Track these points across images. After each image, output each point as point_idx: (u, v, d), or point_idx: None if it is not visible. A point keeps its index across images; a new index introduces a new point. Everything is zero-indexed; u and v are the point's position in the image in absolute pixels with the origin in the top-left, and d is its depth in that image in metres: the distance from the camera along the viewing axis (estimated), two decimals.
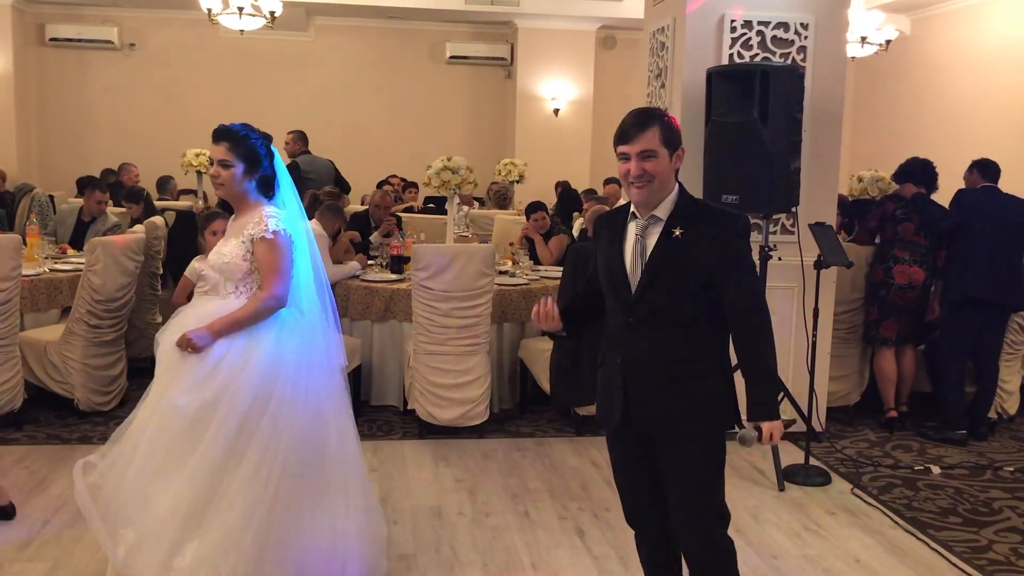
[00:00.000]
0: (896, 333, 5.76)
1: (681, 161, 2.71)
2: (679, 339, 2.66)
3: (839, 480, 4.87)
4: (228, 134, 3.21)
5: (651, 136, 2.63)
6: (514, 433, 5.51)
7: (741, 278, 2.64)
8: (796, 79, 4.88)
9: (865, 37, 9.20)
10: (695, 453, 2.69)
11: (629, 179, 2.67)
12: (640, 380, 2.69)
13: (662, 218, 2.69)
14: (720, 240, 2.63)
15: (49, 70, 11.84)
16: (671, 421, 2.67)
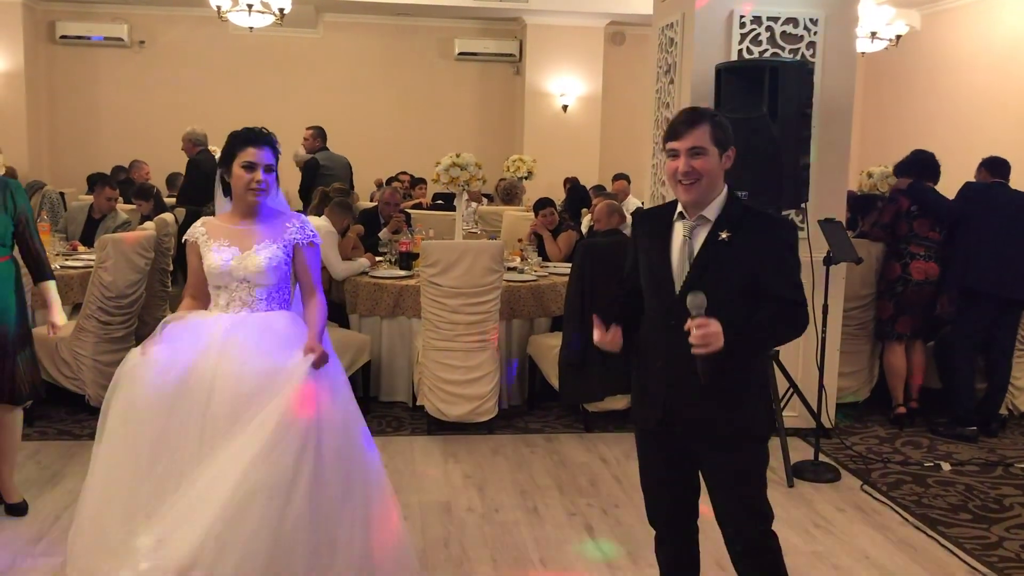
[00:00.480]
0: (911, 329, 5.75)
1: (731, 162, 2.66)
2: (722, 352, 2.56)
3: (848, 477, 4.86)
4: (272, 139, 3.16)
5: (701, 133, 2.60)
6: (523, 429, 5.52)
7: (789, 293, 2.61)
8: (805, 75, 4.87)
9: (875, 32, 9.17)
10: (739, 459, 2.67)
11: (677, 177, 2.62)
12: (680, 382, 2.64)
13: (710, 219, 2.64)
14: (770, 251, 2.61)
15: (59, 68, 11.89)
16: (713, 426, 2.64)
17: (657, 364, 2.70)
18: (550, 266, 6.59)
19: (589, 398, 5.46)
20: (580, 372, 5.34)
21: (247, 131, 3.16)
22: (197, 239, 3.17)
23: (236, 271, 3.09)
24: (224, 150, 3.16)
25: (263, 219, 3.17)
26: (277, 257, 3.11)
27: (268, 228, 3.15)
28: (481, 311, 5.28)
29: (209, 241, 3.14)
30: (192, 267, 3.20)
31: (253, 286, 3.11)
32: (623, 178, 10.24)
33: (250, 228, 3.15)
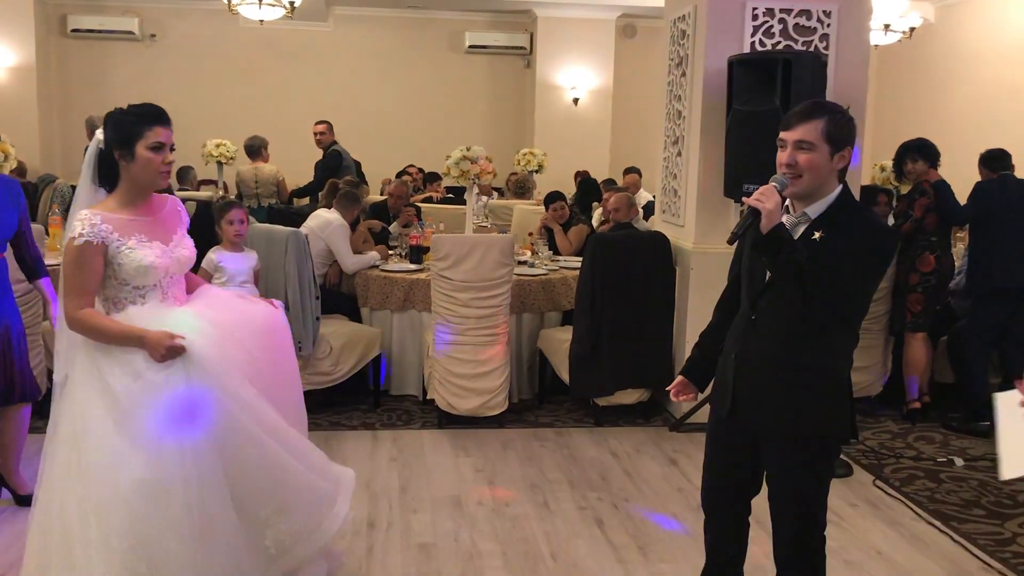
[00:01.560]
0: (935, 320, 5.73)
1: (845, 162, 2.55)
2: (794, 343, 2.58)
3: (861, 471, 4.84)
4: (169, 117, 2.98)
5: (813, 127, 2.51)
6: (533, 423, 5.51)
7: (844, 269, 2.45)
8: (818, 67, 4.84)
9: (888, 24, 9.10)
10: (799, 461, 2.63)
11: (782, 168, 2.55)
12: (751, 377, 2.65)
13: (811, 218, 2.57)
14: (852, 252, 2.47)
15: (71, 61, 11.91)
16: (777, 424, 2.63)
17: (732, 354, 2.72)
18: (560, 260, 6.57)
19: (599, 392, 5.44)
20: (590, 366, 5.33)
21: (147, 107, 2.86)
22: (104, 238, 2.76)
23: (172, 267, 2.89)
24: (121, 129, 2.81)
25: (158, 206, 2.96)
26: (191, 244, 3.01)
27: (170, 216, 2.98)
28: (491, 305, 5.27)
29: (122, 238, 2.79)
30: (93, 270, 2.77)
31: (179, 279, 2.98)
32: (634, 172, 10.20)
33: (157, 218, 2.92)
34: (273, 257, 5.19)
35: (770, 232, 2.44)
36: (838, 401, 2.62)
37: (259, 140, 8.68)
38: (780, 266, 2.46)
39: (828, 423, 2.61)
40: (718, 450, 2.87)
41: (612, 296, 5.32)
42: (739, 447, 2.77)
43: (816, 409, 2.59)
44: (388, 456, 4.89)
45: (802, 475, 2.64)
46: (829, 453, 2.68)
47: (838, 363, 2.62)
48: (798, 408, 2.59)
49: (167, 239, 2.91)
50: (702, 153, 5.38)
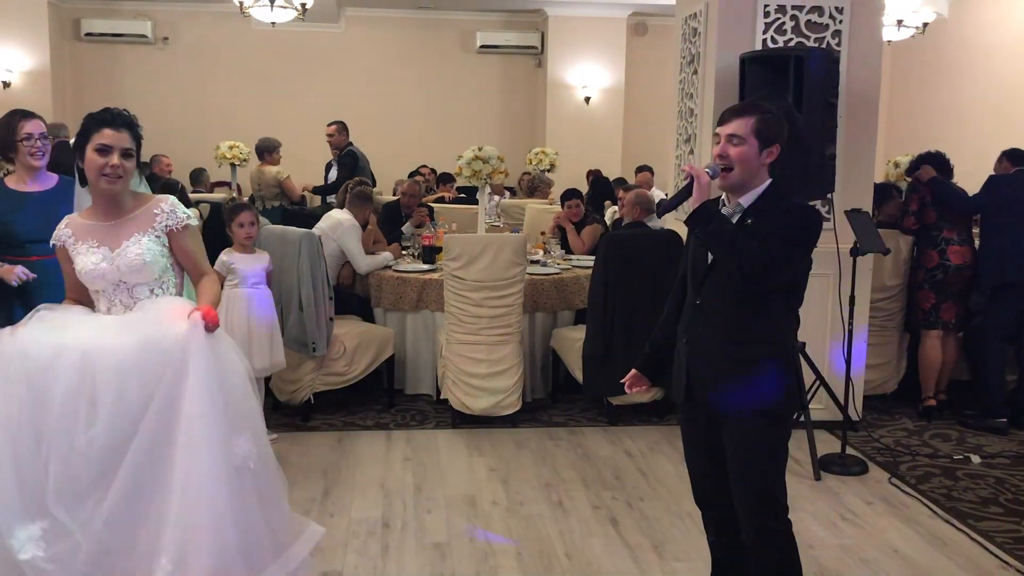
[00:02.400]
0: (955, 316, 5.69)
1: (773, 157, 2.75)
2: (738, 323, 2.74)
3: (876, 469, 4.81)
4: (132, 122, 2.88)
5: (744, 123, 2.71)
6: (547, 422, 5.51)
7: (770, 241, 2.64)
8: (831, 64, 4.81)
9: (902, 20, 9.04)
10: (752, 436, 2.74)
11: (715, 159, 2.76)
12: (700, 359, 2.81)
13: (744, 207, 2.77)
14: (777, 227, 2.67)
15: (84, 65, 11.98)
16: (728, 402, 2.74)
17: (683, 341, 2.88)
18: (573, 259, 6.57)
19: (613, 391, 5.43)
20: (604, 365, 5.32)
21: (104, 111, 2.85)
22: (64, 242, 2.85)
23: (109, 273, 2.80)
24: (78, 133, 2.84)
25: (130, 209, 2.88)
26: (151, 250, 2.83)
27: (137, 219, 2.86)
28: (504, 304, 5.27)
29: (77, 243, 2.83)
30: (65, 272, 2.90)
31: (132, 286, 2.83)
32: (646, 170, 10.18)
33: (117, 222, 2.85)
34: (287, 258, 5.21)
35: (701, 205, 2.71)
36: (783, 376, 2.75)
37: (267, 142, 8.72)
38: (712, 234, 2.70)
39: (776, 396, 2.73)
40: (689, 442, 2.98)
41: (625, 295, 5.31)
42: (705, 433, 2.87)
43: (761, 384, 2.72)
44: (402, 456, 4.90)
45: (754, 450, 2.75)
46: (779, 426, 2.79)
47: (782, 340, 2.78)
48: (745, 383, 2.72)
49: (116, 244, 2.82)
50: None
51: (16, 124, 3.88)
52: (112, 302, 2.84)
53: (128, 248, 2.81)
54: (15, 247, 3.86)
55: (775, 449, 2.80)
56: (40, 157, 3.93)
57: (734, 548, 2.97)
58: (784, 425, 2.82)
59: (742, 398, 2.72)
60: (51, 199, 3.93)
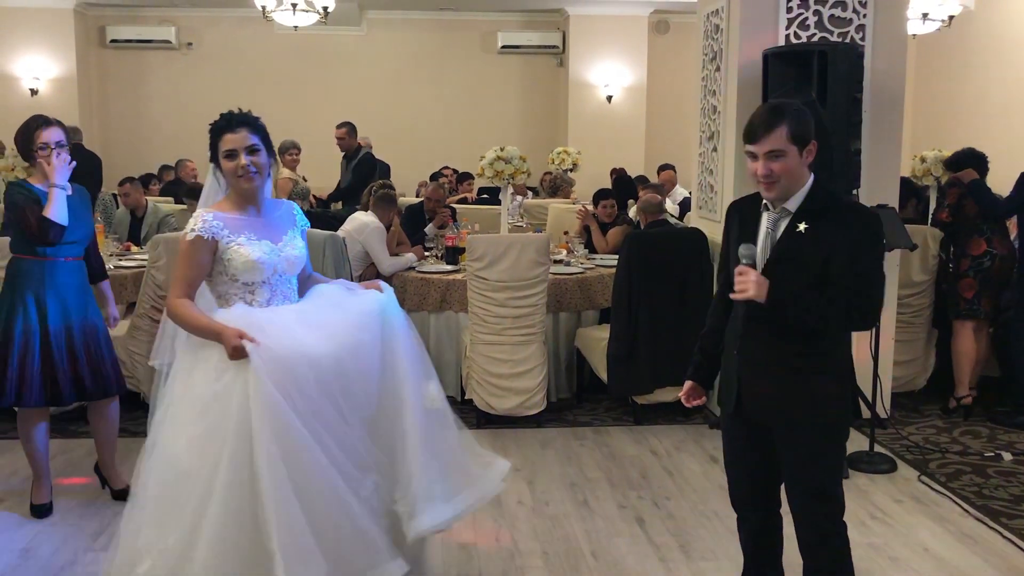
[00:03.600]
0: (992, 306, 5.63)
1: (812, 155, 2.66)
2: (792, 336, 2.65)
3: (905, 467, 4.77)
4: (248, 119, 3.00)
5: (779, 135, 2.60)
6: (572, 422, 5.50)
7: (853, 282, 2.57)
8: (855, 59, 4.78)
9: (927, 13, 8.95)
10: (812, 446, 2.69)
11: (757, 179, 2.66)
12: (754, 371, 2.74)
13: (791, 211, 2.67)
14: (845, 240, 2.59)
15: (110, 71, 12.12)
16: (786, 414, 2.69)
17: (734, 350, 2.79)
18: (597, 258, 6.55)
19: (638, 390, 5.42)
20: (629, 364, 5.31)
21: (221, 117, 2.98)
22: (215, 234, 2.89)
23: (279, 264, 2.97)
24: (210, 142, 3.00)
25: (270, 207, 3.06)
26: (302, 246, 3.09)
27: (282, 217, 3.08)
28: (528, 304, 5.27)
29: (233, 235, 2.92)
30: (199, 264, 2.90)
31: (289, 278, 3.05)
32: (669, 168, 10.14)
33: (266, 219, 3.02)
34: (312, 260, 5.21)
35: (769, 303, 2.59)
36: (841, 385, 2.70)
37: (282, 143, 8.76)
38: (799, 319, 2.60)
39: (832, 408, 2.68)
40: (733, 445, 2.92)
41: (649, 294, 5.29)
42: (752, 439, 2.82)
43: (819, 393, 2.67)
44: None
45: (813, 460, 2.70)
46: (838, 435, 2.75)
47: (837, 349, 2.73)
48: (800, 396, 2.67)
49: (277, 239, 3.00)
50: (738, 148, 5.33)
51: (33, 133, 3.94)
52: (275, 293, 2.99)
53: (290, 242, 3.03)
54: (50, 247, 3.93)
55: (834, 456, 2.76)
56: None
57: (767, 551, 2.95)
58: (843, 432, 2.79)
59: (801, 410, 2.67)
60: (73, 205, 3.99)
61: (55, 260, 3.96)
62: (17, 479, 4.52)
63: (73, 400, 4.11)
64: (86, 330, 4.04)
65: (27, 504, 4.16)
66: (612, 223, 7.04)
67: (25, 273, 3.96)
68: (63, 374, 3.98)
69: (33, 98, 11.24)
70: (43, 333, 3.94)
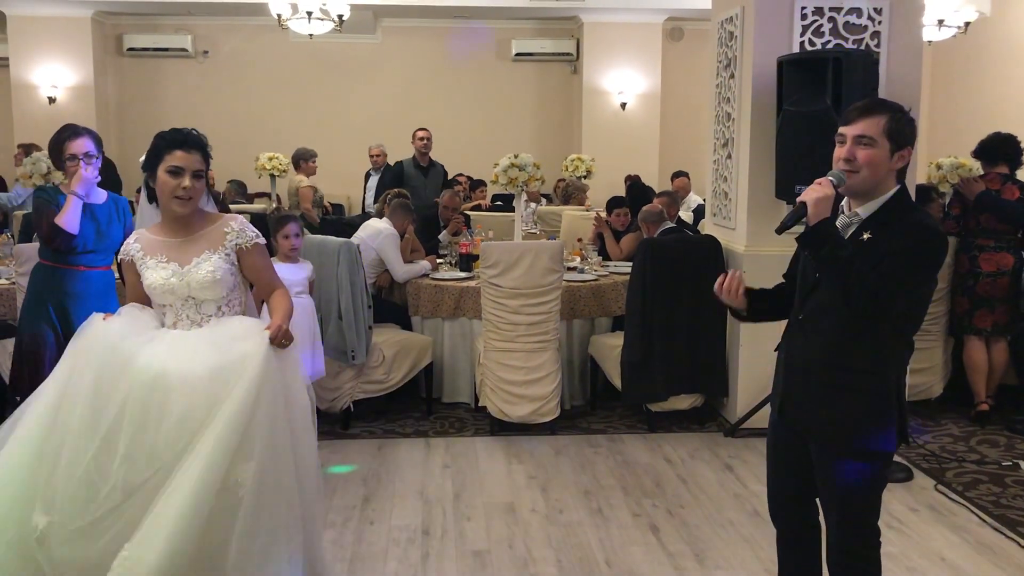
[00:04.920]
0: (992, 323, 5.58)
1: (905, 162, 2.51)
2: (839, 346, 2.53)
3: (921, 476, 4.73)
4: (202, 143, 2.94)
5: (875, 123, 2.46)
6: (586, 430, 5.49)
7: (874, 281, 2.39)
8: (870, 65, 4.76)
9: (943, 20, 8.91)
10: (845, 469, 2.55)
11: (839, 162, 2.50)
12: (795, 378, 2.65)
13: (863, 217, 2.53)
14: (897, 252, 2.41)
15: (127, 79, 12.20)
16: (820, 428, 2.58)
17: (781, 355, 2.72)
18: (610, 265, 6.55)
19: (652, 398, 5.41)
20: (643, 372, 5.29)
21: (175, 132, 2.92)
22: (132, 256, 2.93)
23: (178, 289, 2.86)
24: (148, 153, 2.91)
25: (200, 227, 2.94)
26: (221, 268, 2.88)
27: (206, 236, 2.92)
28: (542, 311, 5.27)
29: (146, 258, 2.90)
30: (131, 284, 2.99)
31: (200, 302, 2.89)
32: (683, 175, 10.13)
33: (187, 239, 2.91)
34: (326, 267, 5.25)
35: (816, 226, 2.42)
36: (883, 409, 2.52)
37: (302, 151, 8.85)
38: (823, 260, 2.43)
39: (875, 433, 2.52)
40: (774, 452, 2.82)
41: (663, 301, 5.28)
42: (792, 447, 2.72)
43: (859, 417, 2.52)
44: (441, 463, 4.91)
45: (848, 481, 2.56)
46: (876, 460, 2.57)
47: (885, 369, 2.53)
48: (841, 414, 2.54)
49: (186, 261, 2.88)
50: (752, 155, 5.33)
51: (62, 144, 3.98)
52: (179, 317, 2.90)
53: (199, 265, 2.87)
54: (69, 255, 3.96)
55: (870, 481, 2.57)
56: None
57: (800, 561, 2.87)
58: (883, 459, 2.58)
59: (835, 431, 2.53)
60: (103, 214, 4.02)
61: (76, 269, 3.98)
62: None
63: None
64: None
65: None
66: (626, 230, 7.03)
67: (47, 279, 4.01)
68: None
69: (51, 106, 11.32)
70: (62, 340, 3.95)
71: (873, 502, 2.63)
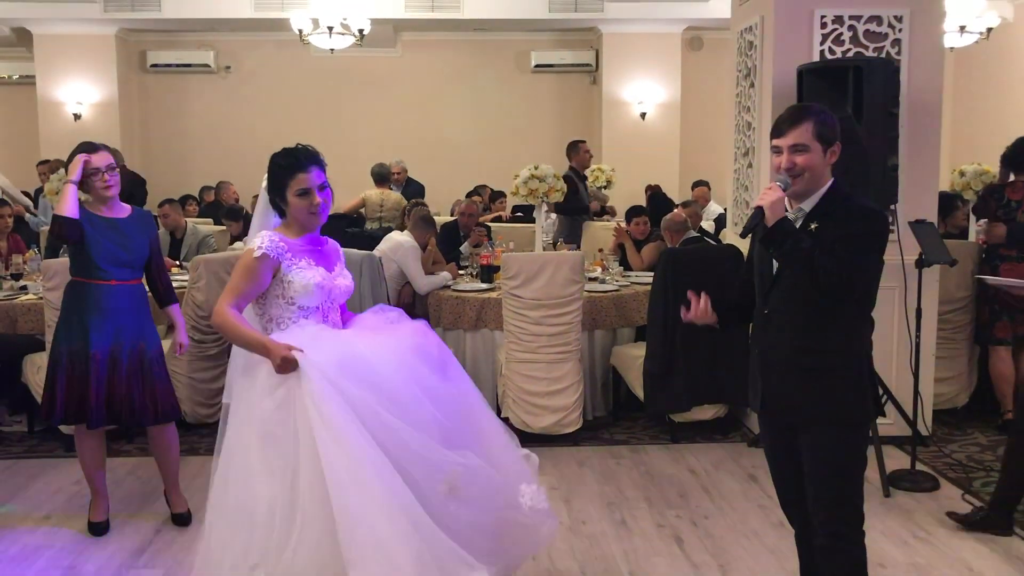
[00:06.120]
0: (1012, 334, 5.52)
1: (836, 156, 2.74)
2: (808, 332, 2.71)
3: (948, 486, 4.69)
4: (316, 157, 3.09)
5: (804, 130, 2.69)
6: (608, 441, 5.48)
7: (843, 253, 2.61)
8: (891, 73, 4.74)
9: (964, 26, 8.88)
10: (829, 444, 2.71)
11: (780, 172, 2.72)
12: (774, 370, 2.79)
13: (807, 211, 2.75)
14: (845, 235, 2.64)
15: (150, 95, 12.36)
16: (803, 411, 2.74)
17: (755, 352, 2.85)
18: (632, 275, 6.54)
19: (675, 408, 5.40)
20: (665, 382, 5.28)
21: (288, 154, 3.05)
22: (280, 255, 2.97)
23: (333, 291, 3.09)
24: (271, 179, 3.06)
25: (322, 240, 3.19)
26: (351, 278, 3.22)
27: (331, 250, 3.21)
28: (563, 322, 5.27)
29: (294, 259, 3.00)
30: (259, 281, 2.96)
31: (337, 305, 3.16)
32: (703, 184, 10.12)
33: (322, 248, 3.16)
34: None
35: (775, 225, 2.64)
36: (857, 381, 2.73)
37: (385, 167, 9.02)
38: (787, 254, 2.65)
39: (852, 405, 2.72)
40: (770, 448, 2.97)
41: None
42: (783, 444, 2.86)
43: (836, 391, 2.71)
44: None
45: (831, 457, 2.71)
46: (856, 434, 2.76)
47: (853, 346, 2.75)
48: (818, 393, 2.71)
49: (331, 267, 3.12)
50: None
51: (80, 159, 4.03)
52: (326, 319, 3.08)
53: (342, 274, 3.16)
54: (94, 269, 4.00)
55: (853, 456, 2.76)
56: (111, 188, 4.05)
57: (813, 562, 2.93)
58: (861, 431, 2.79)
59: (817, 408, 2.70)
60: (127, 228, 4.06)
61: (103, 283, 4.01)
62: (62, 497, 4.59)
63: (103, 423, 4.06)
64: (134, 355, 4.05)
65: (72, 521, 4.26)
66: (646, 240, 7.03)
67: (75, 295, 4.05)
68: (96, 397, 3.98)
69: (76, 123, 11.48)
70: (85, 355, 3.98)
71: (857, 481, 2.77)
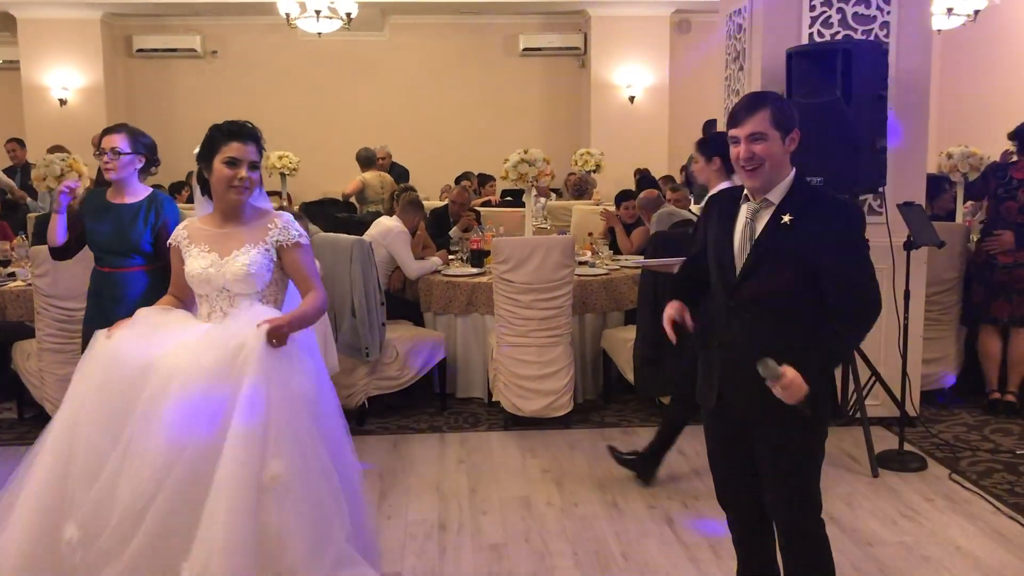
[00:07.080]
0: (1009, 314, 5.57)
1: (795, 144, 2.67)
2: (777, 327, 2.63)
3: (936, 465, 4.74)
4: (257, 135, 2.98)
5: (761, 118, 2.61)
6: (599, 423, 5.51)
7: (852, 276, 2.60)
8: (879, 56, 4.76)
9: (951, 8, 8.89)
10: (789, 443, 2.67)
11: (740, 163, 2.65)
12: (735, 365, 2.68)
13: (774, 203, 2.65)
14: (833, 236, 2.59)
15: (137, 80, 12.28)
16: (763, 409, 2.63)
17: (714, 345, 2.77)
18: (621, 259, 6.56)
19: (665, 391, 5.41)
20: (655, 365, 5.30)
21: (230, 124, 2.97)
22: (179, 243, 3.00)
23: (215, 279, 2.90)
24: (204, 144, 2.95)
25: (246, 221, 2.97)
26: (257, 263, 2.90)
27: (250, 231, 2.95)
28: (554, 306, 5.29)
29: (190, 246, 2.96)
30: (175, 272, 3.05)
31: (233, 295, 2.91)
32: None
33: (231, 231, 2.95)
34: (339, 265, 5.28)
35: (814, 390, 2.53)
36: (823, 381, 2.66)
37: (371, 151, 9.05)
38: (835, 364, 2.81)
39: (815, 396, 2.59)
40: (716, 445, 2.89)
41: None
42: (733, 437, 2.80)
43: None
44: (456, 458, 4.94)
45: (790, 454, 2.68)
46: (817, 432, 2.71)
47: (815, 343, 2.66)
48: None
49: (226, 252, 2.92)
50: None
51: (100, 138, 4.05)
52: (213, 308, 2.94)
53: (236, 257, 2.90)
54: (96, 255, 4.02)
55: (814, 452, 2.72)
56: (109, 172, 4.03)
57: (759, 549, 2.93)
58: (823, 427, 2.73)
59: (782, 407, 2.56)
60: (131, 213, 4.02)
61: (103, 271, 4.03)
62: None
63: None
64: None
65: None
66: (635, 224, 7.04)
67: (93, 282, 4.09)
68: None
69: (62, 108, 11.40)
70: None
71: (817, 474, 2.74)
